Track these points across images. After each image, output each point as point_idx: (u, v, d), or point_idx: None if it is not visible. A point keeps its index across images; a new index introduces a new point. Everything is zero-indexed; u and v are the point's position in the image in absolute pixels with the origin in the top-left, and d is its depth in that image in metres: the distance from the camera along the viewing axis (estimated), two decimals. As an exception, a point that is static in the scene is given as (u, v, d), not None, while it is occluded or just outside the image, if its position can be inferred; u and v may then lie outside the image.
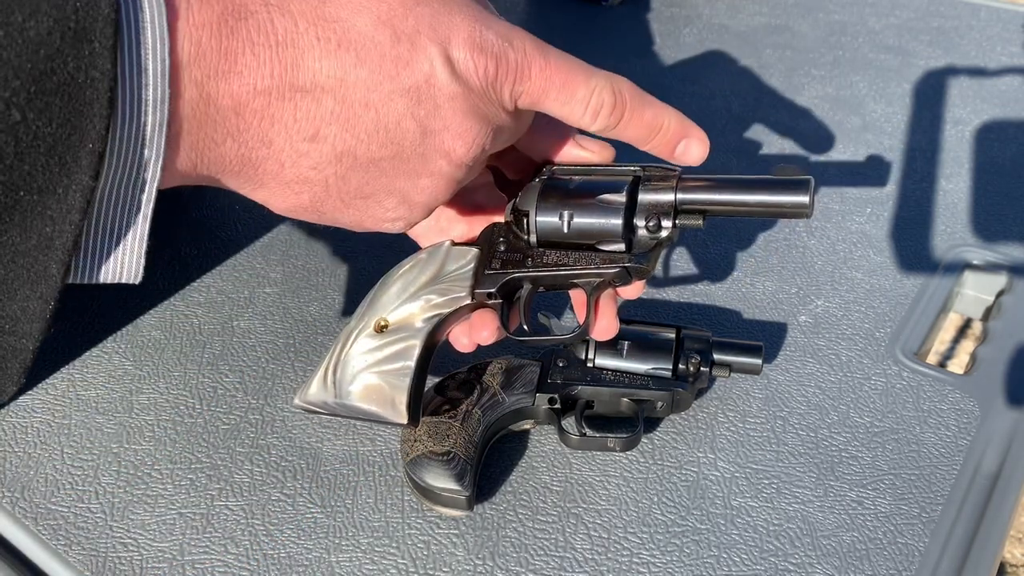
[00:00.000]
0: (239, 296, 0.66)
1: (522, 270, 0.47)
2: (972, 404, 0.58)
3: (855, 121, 0.88)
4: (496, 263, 0.48)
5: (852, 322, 0.65)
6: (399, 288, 0.48)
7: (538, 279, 0.48)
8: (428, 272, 0.48)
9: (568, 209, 0.46)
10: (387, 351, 0.47)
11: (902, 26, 1.06)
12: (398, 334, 0.47)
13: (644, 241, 0.46)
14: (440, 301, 0.47)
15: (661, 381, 0.54)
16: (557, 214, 0.46)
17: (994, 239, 0.72)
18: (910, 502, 0.52)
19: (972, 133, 0.86)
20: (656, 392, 0.54)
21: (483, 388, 0.54)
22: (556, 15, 1.10)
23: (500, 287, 0.47)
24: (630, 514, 0.52)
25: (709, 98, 0.93)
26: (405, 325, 0.47)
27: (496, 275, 0.47)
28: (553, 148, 0.48)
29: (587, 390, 0.54)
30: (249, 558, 0.50)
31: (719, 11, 1.11)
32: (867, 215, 0.75)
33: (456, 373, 0.55)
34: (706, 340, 0.55)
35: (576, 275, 0.47)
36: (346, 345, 0.48)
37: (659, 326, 0.56)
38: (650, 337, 0.55)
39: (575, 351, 0.55)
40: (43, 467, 0.54)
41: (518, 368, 0.55)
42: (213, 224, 0.73)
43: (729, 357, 0.55)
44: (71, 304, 0.65)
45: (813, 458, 0.55)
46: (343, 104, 0.36)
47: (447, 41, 0.37)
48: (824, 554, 0.50)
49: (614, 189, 0.46)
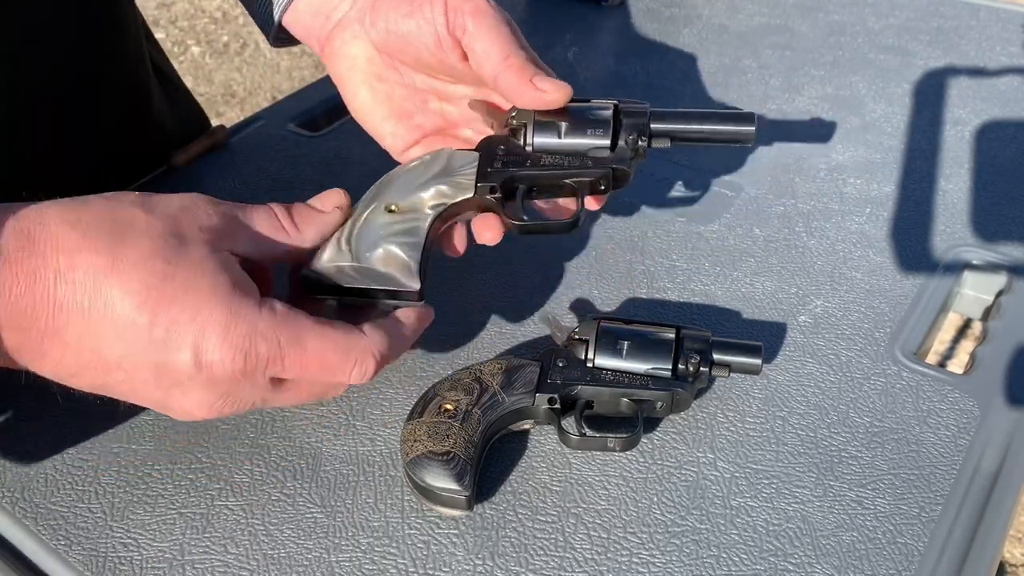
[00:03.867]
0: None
1: (522, 169, 0.54)
2: (971, 404, 0.58)
3: (855, 121, 0.88)
4: (497, 164, 0.54)
5: (852, 322, 0.65)
6: (406, 180, 0.53)
7: (535, 177, 0.54)
8: (434, 169, 0.53)
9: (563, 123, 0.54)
10: (399, 227, 0.51)
11: (902, 26, 1.06)
12: (408, 214, 0.52)
13: (624, 152, 0.54)
14: (447, 191, 0.53)
15: (661, 381, 0.54)
16: (555, 130, 0.54)
17: (994, 239, 0.72)
18: (909, 502, 0.52)
19: (972, 133, 0.86)
20: (656, 392, 0.54)
21: (483, 388, 0.54)
22: (556, 15, 1.10)
23: (502, 183, 0.53)
24: (630, 514, 0.52)
25: (709, 99, 0.93)
26: (414, 208, 0.52)
27: (497, 172, 0.53)
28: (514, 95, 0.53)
29: (587, 390, 0.54)
30: (249, 558, 0.50)
31: (719, 11, 1.11)
32: (867, 215, 0.75)
33: (456, 374, 0.55)
34: (705, 340, 0.55)
35: (568, 175, 0.54)
36: (358, 221, 0.51)
37: (659, 326, 0.56)
38: (650, 337, 0.55)
39: (575, 351, 0.55)
40: (43, 467, 0.54)
41: (518, 368, 0.55)
42: (213, 224, 0.73)
43: (729, 357, 0.55)
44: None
45: (812, 458, 0.55)
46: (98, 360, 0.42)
47: (200, 333, 0.42)
48: (823, 554, 0.50)
49: (601, 110, 0.55)
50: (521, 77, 0.52)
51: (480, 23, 0.51)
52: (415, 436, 0.52)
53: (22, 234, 0.40)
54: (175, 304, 0.41)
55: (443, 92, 0.58)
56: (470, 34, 0.51)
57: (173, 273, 0.42)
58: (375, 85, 0.57)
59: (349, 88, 0.58)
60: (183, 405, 0.44)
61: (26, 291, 0.40)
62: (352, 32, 0.56)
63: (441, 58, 0.53)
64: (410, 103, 0.58)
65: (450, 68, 0.54)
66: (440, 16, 0.52)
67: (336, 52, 0.57)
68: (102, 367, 0.42)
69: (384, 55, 0.56)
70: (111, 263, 0.41)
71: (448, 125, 0.59)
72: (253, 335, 0.43)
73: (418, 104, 0.58)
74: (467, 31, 0.51)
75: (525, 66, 0.52)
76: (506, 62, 0.52)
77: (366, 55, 0.56)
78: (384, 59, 0.57)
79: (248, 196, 0.77)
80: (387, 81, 0.57)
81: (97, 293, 0.41)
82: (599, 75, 0.97)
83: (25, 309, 0.40)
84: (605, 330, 0.56)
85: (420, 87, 0.58)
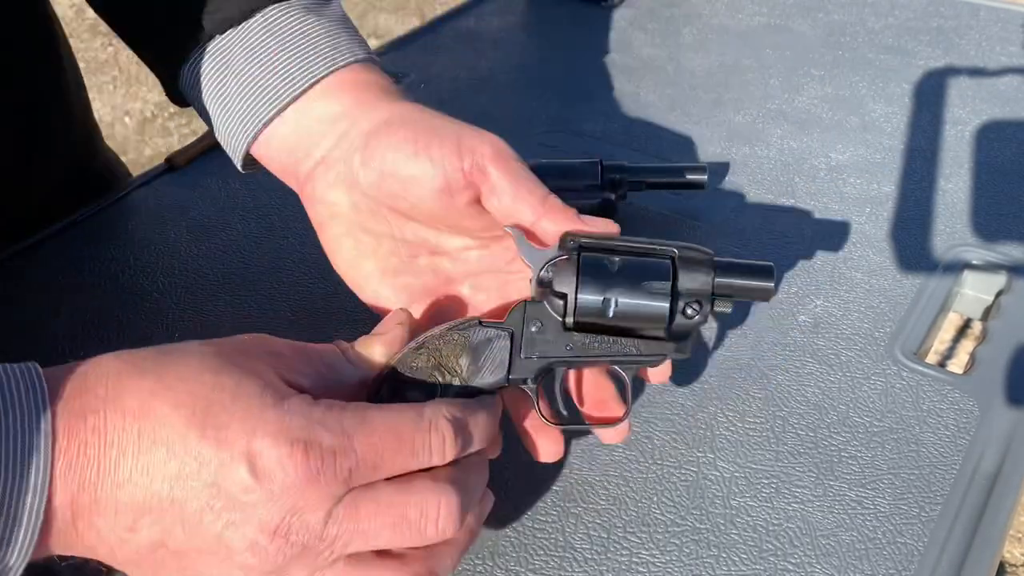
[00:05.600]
0: (239, 296, 0.66)
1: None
2: (971, 404, 0.58)
3: (855, 121, 0.88)
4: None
5: (851, 322, 0.65)
6: None
7: (576, 363, 0.47)
8: None
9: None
10: None
11: (902, 26, 1.07)
12: None
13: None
14: None
15: (654, 343, 0.47)
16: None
17: (994, 239, 0.72)
18: (909, 502, 0.52)
19: (972, 133, 0.86)
20: (649, 357, 0.47)
21: (446, 380, 0.46)
22: (556, 15, 1.10)
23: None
24: (629, 514, 0.52)
25: (708, 99, 0.93)
26: None
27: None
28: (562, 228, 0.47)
29: (567, 366, 0.48)
30: (249, 558, 0.50)
31: (719, 11, 1.11)
32: (867, 215, 0.75)
33: (410, 355, 0.46)
34: (707, 291, 0.46)
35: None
36: None
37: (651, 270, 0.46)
38: (642, 292, 0.46)
39: (550, 309, 0.46)
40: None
41: (484, 344, 0.46)
42: (213, 224, 0.73)
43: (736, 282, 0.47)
44: (74, 310, 0.65)
45: (812, 458, 0.55)
46: (152, 496, 0.37)
47: (252, 434, 0.37)
48: (823, 554, 0.50)
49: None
50: (568, 217, 0.46)
51: (503, 166, 0.46)
52: None
53: (77, 376, 0.38)
54: (224, 412, 0.37)
55: (436, 246, 0.51)
56: (492, 177, 0.46)
57: (223, 384, 0.38)
58: (360, 237, 0.50)
59: (331, 239, 0.51)
60: (244, 538, 0.37)
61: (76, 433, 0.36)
62: (336, 174, 0.50)
63: (445, 204, 0.47)
64: (397, 259, 0.51)
65: (452, 215, 0.48)
66: (453, 158, 0.46)
67: (316, 196, 0.51)
68: (156, 506, 0.37)
69: (373, 201, 0.49)
70: (158, 383, 0.38)
71: (441, 283, 0.52)
72: (310, 425, 0.37)
73: (405, 260, 0.51)
74: (488, 174, 0.46)
75: (566, 207, 0.47)
76: (545, 204, 0.46)
77: (350, 201, 0.50)
78: (372, 206, 0.49)
79: (248, 196, 0.77)
80: (372, 232, 0.50)
81: (147, 415, 0.37)
82: (599, 75, 0.97)
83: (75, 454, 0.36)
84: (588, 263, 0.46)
85: (410, 239, 0.51)
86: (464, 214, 0.48)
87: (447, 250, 0.51)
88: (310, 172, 0.51)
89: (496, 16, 1.10)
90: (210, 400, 0.37)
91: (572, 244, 0.46)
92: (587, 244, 0.46)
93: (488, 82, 0.96)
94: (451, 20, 1.09)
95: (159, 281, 0.67)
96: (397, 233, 0.50)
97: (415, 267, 0.51)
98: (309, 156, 0.51)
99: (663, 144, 0.85)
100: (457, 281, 0.52)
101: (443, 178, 0.46)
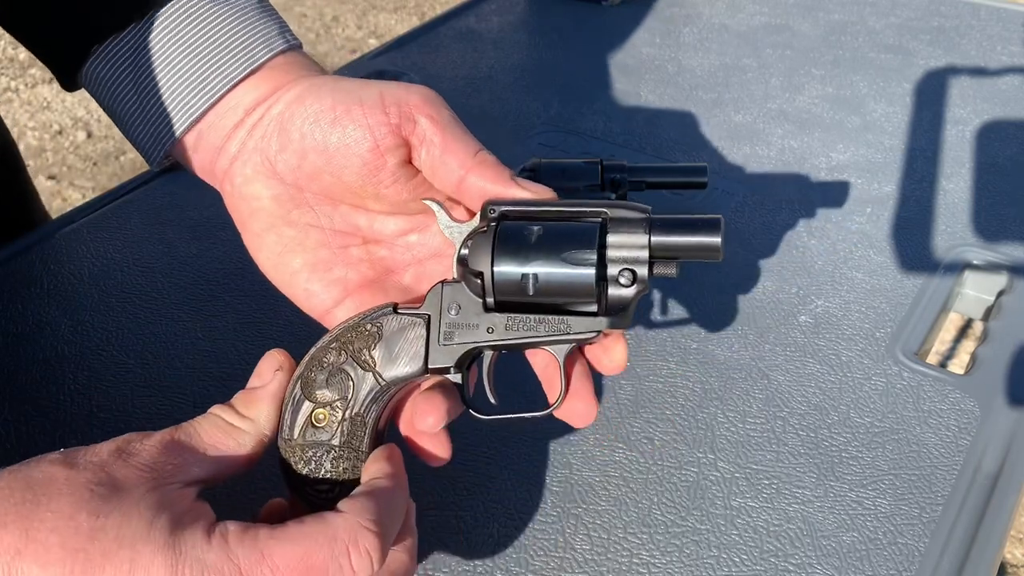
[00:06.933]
0: (238, 296, 0.66)
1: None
2: (972, 404, 0.58)
3: (855, 121, 0.88)
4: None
5: (852, 322, 0.65)
6: None
7: (500, 347, 0.43)
8: None
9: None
10: None
11: (902, 26, 1.06)
12: None
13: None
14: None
15: (588, 318, 0.42)
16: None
17: (994, 239, 0.72)
18: (910, 502, 0.52)
19: (972, 133, 0.86)
20: (582, 335, 0.42)
21: (358, 377, 0.42)
22: (556, 15, 1.10)
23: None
24: (630, 515, 0.52)
25: (708, 99, 0.93)
26: None
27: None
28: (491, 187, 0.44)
29: (492, 349, 0.44)
30: (249, 559, 0.50)
31: (719, 11, 1.11)
32: (867, 215, 0.75)
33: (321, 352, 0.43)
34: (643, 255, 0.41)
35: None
36: None
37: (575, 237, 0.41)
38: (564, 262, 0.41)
39: (468, 290, 0.43)
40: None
41: (398, 333, 0.43)
42: (213, 224, 0.73)
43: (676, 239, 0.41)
44: (74, 310, 0.65)
45: (813, 458, 0.55)
46: None
47: None
48: (824, 554, 0.50)
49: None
50: (500, 175, 0.43)
51: (433, 113, 0.43)
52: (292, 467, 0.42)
53: None
54: (108, 562, 0.34)
55: (369, 232, 0.47)
56: (421, 126, 0.43)
57: (103, 526, 0.34)
58: (284, 231, 0.46)
59: (253, 237, 0.47)
60: None
61: None
62: (253, 166, 0.46)
63: (374, 169, 0.44)
64: (327, 250, 0.47)
65: (383, 183, 0.44)
66: (378, 114, 0.43)
67: (235, 193, 0.47)
68: None
69: (294, 188, 0.46)
70: (23, 538, 0.33)
71: (379, 274, 0.48)
72: (204, 571, 0.34)
73: (336, 252, 0.47)
74: (417, 123, 0.43)
75: (500, 164, 0.43)
76: (476, 158, 0.43)
77: (271, 193, 0.46)
78: (295, 194, 0.46)
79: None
80: (297, 224, 0.46)
81: None
82: (599, 75, 0.97)
83: None
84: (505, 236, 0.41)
85: (339, 227, 0.47)
86: (396, 177, 0.44)
87: (382, 236, 0.48)
88: (227, 169, 0.47)
89: (496, 16, 1.10)
90: (89, 553, 0.34)
91: (493, 214, 0.42)
92: (509, 212, 0.42)
93: (488, 82, 0.96)
94: (451, 20, 1.09)
95: (159, 281, 0.67)
96: (325, 222, 0.47)
97: (348, 258, 0.47)
98: (224, 152, 0.47)
99: (663, 144, 0.85)
100: (398, 271, 0.48)
101: (371, 139, 0.43)
